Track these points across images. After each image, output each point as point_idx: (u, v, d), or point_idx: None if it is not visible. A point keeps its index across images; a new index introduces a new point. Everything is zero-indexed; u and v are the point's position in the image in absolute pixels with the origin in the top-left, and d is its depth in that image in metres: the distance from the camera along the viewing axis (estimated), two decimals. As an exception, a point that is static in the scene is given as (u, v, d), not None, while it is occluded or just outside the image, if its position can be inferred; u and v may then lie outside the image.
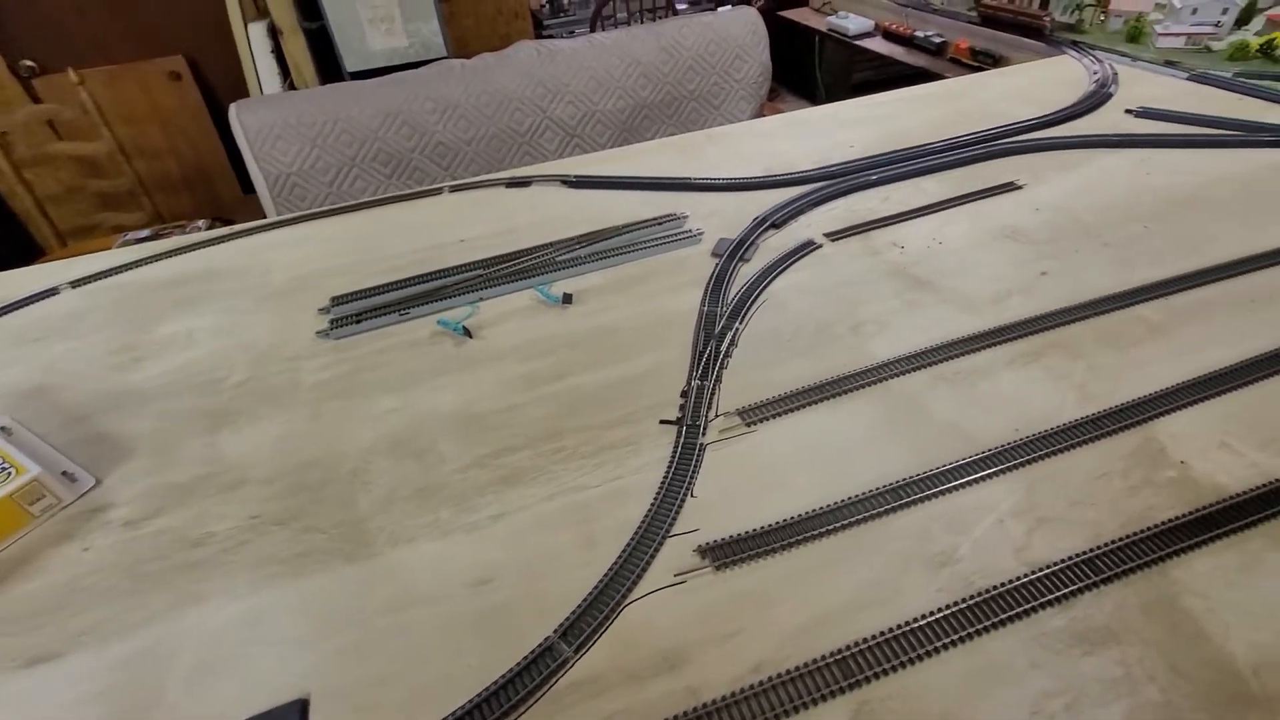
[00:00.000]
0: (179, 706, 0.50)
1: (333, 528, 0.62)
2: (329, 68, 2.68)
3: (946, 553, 0.56)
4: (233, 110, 1.84)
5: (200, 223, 2.22)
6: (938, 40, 1.96)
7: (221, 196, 2.82)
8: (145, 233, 2.19)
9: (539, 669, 0.50)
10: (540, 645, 0.51)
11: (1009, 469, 0.62)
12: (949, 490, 0.60)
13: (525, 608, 0.54)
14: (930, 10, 2.11)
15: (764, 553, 0.56)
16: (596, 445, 0.68)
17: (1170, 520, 0.56)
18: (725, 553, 0.57)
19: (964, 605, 0.51)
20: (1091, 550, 0.54)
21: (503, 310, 0.90)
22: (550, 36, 3.14)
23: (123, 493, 0.68)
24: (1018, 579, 0.53)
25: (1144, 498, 0.58)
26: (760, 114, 2.21)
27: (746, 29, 2.17)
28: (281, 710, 0.49)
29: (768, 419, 0.69)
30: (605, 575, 0.56)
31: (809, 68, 3.06)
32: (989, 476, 0.61)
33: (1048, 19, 1.70)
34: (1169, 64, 1.48)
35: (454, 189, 1.22)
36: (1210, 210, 0.96)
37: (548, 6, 3.31)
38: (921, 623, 0.50)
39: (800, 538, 0.57)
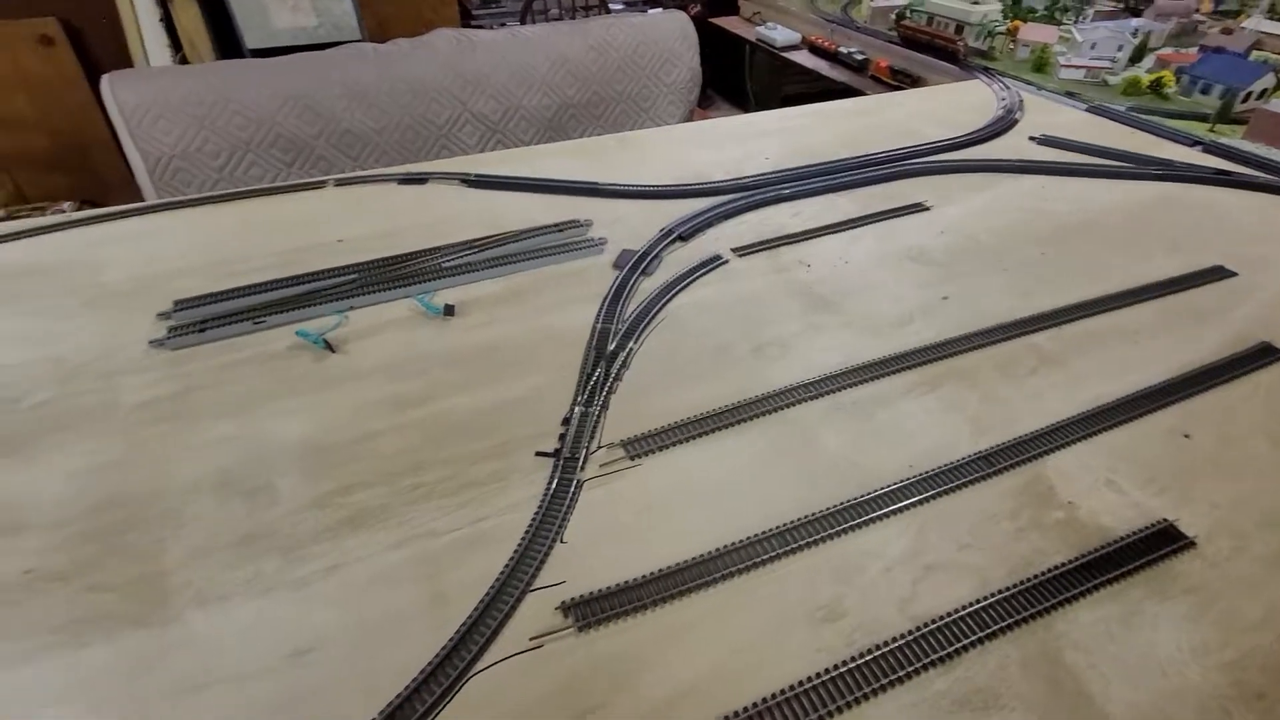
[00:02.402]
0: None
1: (125, 584, 0.52)
2: (229, 43, 2.46)
3: (831, 606, 0.51)
4: (105, 83, 1.65)
5: (66, 205, 1.98)
6: (860, 57, 1.97)
7: (105, 178, 2.54)
8: (-6, 214, 1.93)
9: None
10: (359, 733, 0.43)
11: (901, 509, 0.58)
12: (839, 533, 0.56)
13: (350, 685, 0.46)
14: (854, 27, 2.13)
15: (634, 609, 0.50)
16: (460, 481, 0.60)
17: (1056, 567, 0.53)
18: (591, 611, 0.50)
19: (845, 669, 0.47)
20: (977, 601, 0.51)
21: (375, 321, 0.81)
22: (480, 26, 3.02)
23: None
24: (902, 636, 0.49)
25: (1031, 541, 0.56)
26: (691, 120, 2.17)
27: (676, 33, 2.13)
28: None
29: (653, 451, 0.63)
30: (450, 641, 0.48)
31: (741, 76, 3.06)
32: (880, 518, 0.58)
33: (962, 44, 1.74)
34: (1070, 95, 1.54)
35: (339, 183, 1.10)
36: (1101, 239, 0.98)
37: (478, -5, 3.18)
38: (798, 690, 0.46)
39: (675, 591, 0.51)
